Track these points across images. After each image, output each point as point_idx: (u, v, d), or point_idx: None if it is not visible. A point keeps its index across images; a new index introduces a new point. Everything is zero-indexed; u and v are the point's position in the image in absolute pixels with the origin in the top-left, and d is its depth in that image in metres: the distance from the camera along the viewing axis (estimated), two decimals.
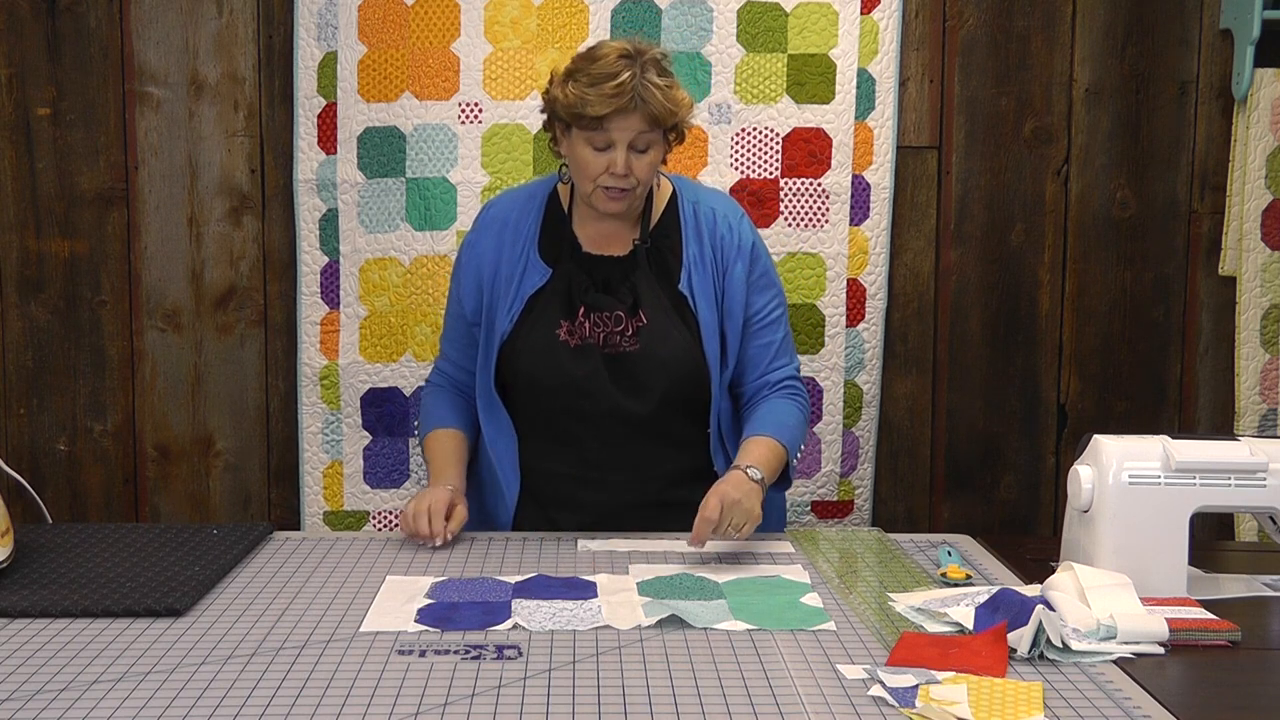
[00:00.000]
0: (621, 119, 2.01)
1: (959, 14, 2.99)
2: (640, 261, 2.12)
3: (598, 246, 2.15)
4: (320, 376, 2.96)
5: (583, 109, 2.00)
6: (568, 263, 2.12)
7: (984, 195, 3.04)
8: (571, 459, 2.13)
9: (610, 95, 1.99)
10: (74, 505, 3.04)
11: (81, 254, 2.99)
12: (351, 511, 2.99)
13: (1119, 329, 3.07)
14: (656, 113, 2.01)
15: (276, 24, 2.94)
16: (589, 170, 2.05)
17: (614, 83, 1.99)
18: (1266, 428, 3.00)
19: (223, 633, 1.56)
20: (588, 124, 2.02)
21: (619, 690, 1.39)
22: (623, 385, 2.08)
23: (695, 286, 2.12)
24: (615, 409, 2.08)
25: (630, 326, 2.09)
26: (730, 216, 2.17)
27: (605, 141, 2.02)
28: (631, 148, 2.03)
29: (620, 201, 2.07)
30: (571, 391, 2.09)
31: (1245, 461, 1.73)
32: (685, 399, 2.11)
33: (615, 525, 2.09)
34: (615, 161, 2.02)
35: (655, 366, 2.08)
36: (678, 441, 2.14)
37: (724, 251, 2.13)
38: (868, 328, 2.99)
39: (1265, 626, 1.67)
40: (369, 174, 2.91)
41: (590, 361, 2.08)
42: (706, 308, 2.11)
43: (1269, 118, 2.94)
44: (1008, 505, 3.12)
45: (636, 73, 2.00)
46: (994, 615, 1.55)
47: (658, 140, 2.06)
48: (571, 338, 2.09)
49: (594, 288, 2.11)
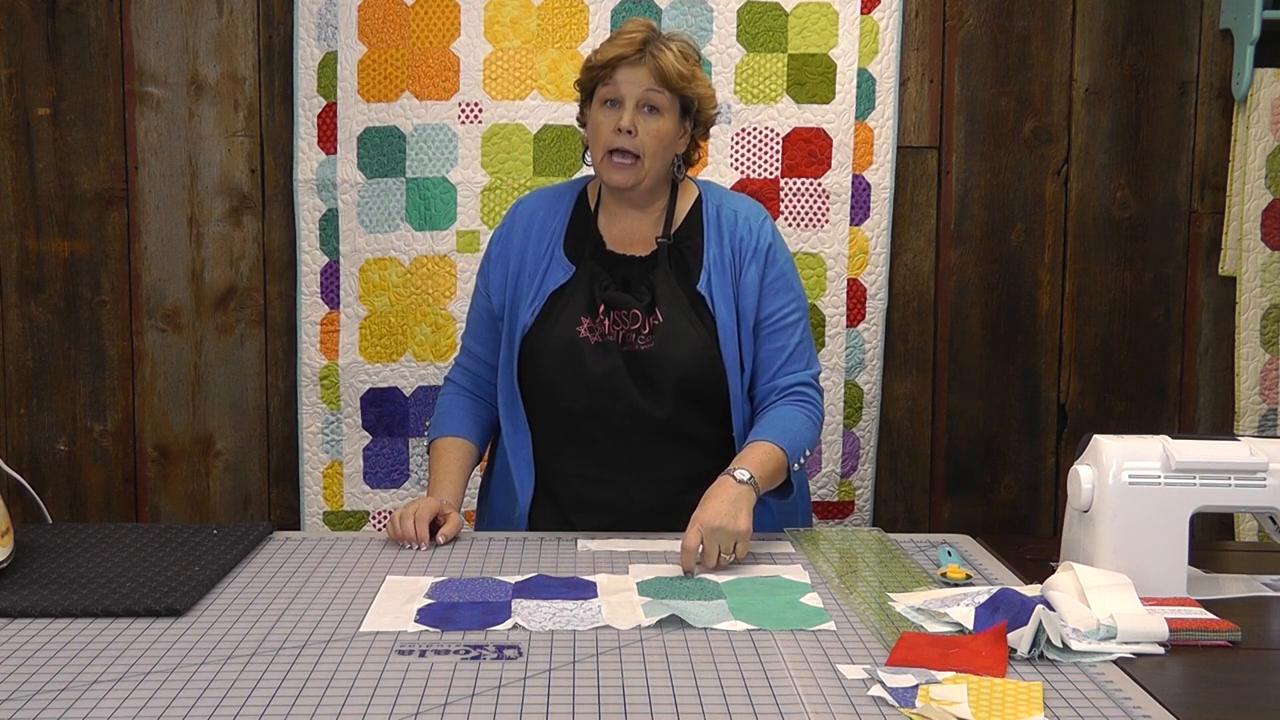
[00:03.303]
0: (629, 70, 2.04)
1: (959, 14, 2.99)
2: (661, 261, 2.12)
3: (621, 245, 2.15)
4: (320, 376, 2.96)
5: (595, 57, 2.08)
6: (590, 261, 2.12)
7: (984, 195, 3.04)
8: (588, 460, 2.12)
9: (621, 44, 2.06)
10: (74, 505, 3.04)
11: (81, 254, 2.99)
12: (351, 511, 2.99)
13: (1119, 329, 3.07)
14: (665, 69, 2.04)
15: (276, 24, 2.94)
16: (600, 133, 2.07)
17: (627, 35, 2.07)
18: (1266, 428, 3.00)
19: (223, 633, 1.56)
20: (600, 75, 2.06)
21: (619, 690, 1.39)
22: (640, 384, 2.08)
23: (714, 287, 2.11)
24: (633, 409, 2.08)
25: (647, 324, 2.08)
26: (752, 219, 2.15)
27: (615, 95, 2.05)
28: (640, 109, 2.05)
29: (626, 172, 2.06)
30: (591, 390, 2.08)
31: (1245, 461, 1.73)
32: (702, 399, 2.10)
33: (633, 527, 2.07)
34: (621, 117, 2.04)
35: (668, 365, 2.07)
36: (696, 443, 2.12)
37: (741, 253, 2.13)
38: (868, 328, 2.99)
39: (1265, 626, 1.66)
40: (369, 174, 2.91)
41: (610, 359, 2.08)
42: (725, 309, 2.10)
43: (1269, 118, 2.94)
44: (1008, 505, 3.12)
45: (653, 38, 2.07)
46: (994, 615, 1.55)
47: (669, 107, 2.07)
48: (592, 335, 2.09)
49: (614, 286, 2.11)
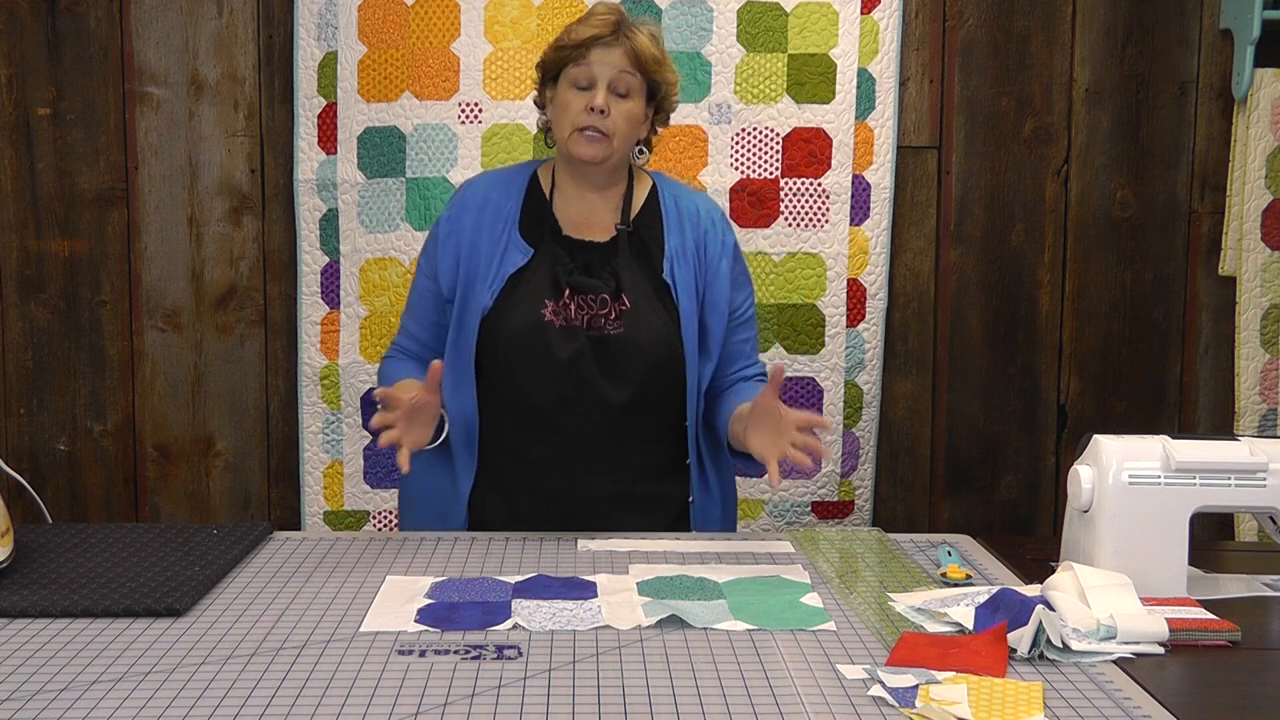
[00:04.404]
0: (604, 52, 2.05)
1: (959, 14, 2.99)
2: (622, 247, 2.12)
3: (579, 230, 2.14)
4: (320, 376, 2.96)
5: (567, 38, 2.07)
6: (549, 244, 2.12)
7: (984, 195, 3.04)
8: (547, 446, 2.10)
9: (596, 24, 2.06)
10: (74, 505, 3.04)
11: (81, 254, 2.99)
12: (351, 511, 2.99)
13: (1119, 329, 3.07)
14: (639, 50, 2.06)
15: (276, 24, 2.94)
16: (569, 112, 2.07)
17: (599, 17, 2.07)
18: (1266, 428, 2.99)
19: (223, 633, 1.56)
20: (572, 55, 2.06)
21: (619, 690, 1.39)
22: (606, 369, 2.07)
23: (678, 277, 2.12)
24: (596, 395, 2.07)
25: (614, 310, 2.08)
26: (714, 214, 2.20)
27: (587, 78, 2.06)
28: (612, 90, 2.06)
29: (597, 146, 2.07)
30: (555, 374, 2.06)
31: (1245, 461, 1.73)
32: (664, 387, 2.11)
33: (584, 515, 2.07)
34: (595, 97, 2.05)
35: (638, 351, 2.07)
36: (653, 434, 2.13)
37: (709, 248, 2.15)
38: (868, 328, 2.99)
39: (1265, 626, 1.66)
40: (369, 174, 2.91)
41: (575, 343, 2.07)
42: (688, 299, 2.11)
43: (1269, 118, 2.94)
44: (1008, 505, 3.12)
45: (625, 20, 2.09)
46: (994, 615, 1.55)
47: (638, 89, 2.09)
48: (557, 318, 2.07)
49: (577, 269, 2.11)
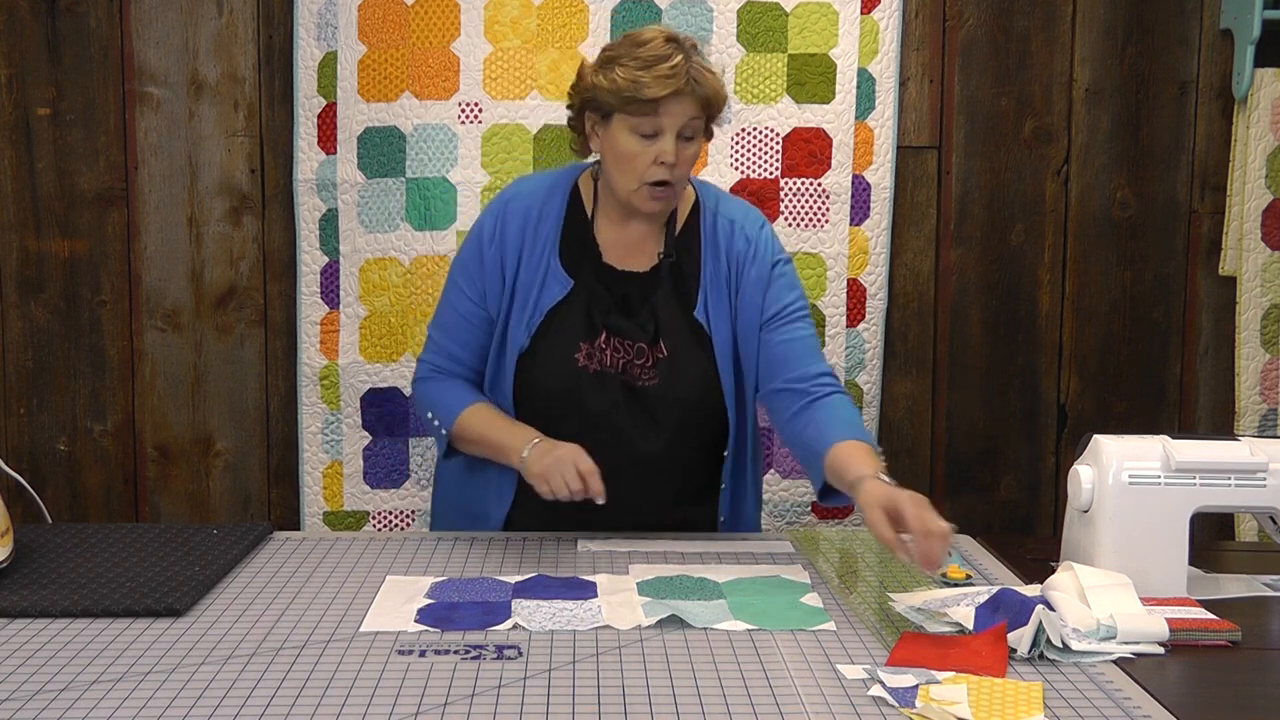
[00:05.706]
0: (676, 103, 1.93)
1: (959, 14, 2.99)
2: (663, 278, 2.05)
3: (619, 258, 2.06)
4: (320, 376, 2.96)
5: (637, 92, 1.92)
6: (589, 275, 2.04)
7: (984, 195, 3.04)
8: None
9: (667, 77, 1.91)
10: (74, 505, 3.04)
11: (81, 254, 2.99)
12: (351, 511, 2.99)
13: (1119, 329, 3.07)
14: (709, 96, 1.96)
15: (276, 24, 2.94)
16: (635, 164, 1.96)
17: (669, 64, 1.92)
18: (1266, 428, 2.99)
19: (223, 633, 1.56)
20: (640, 109, 1.93)
21: (619, 690, 1.39)
22: (639, 420, 2.01)
23: (711, 310, 2.04)
24: (629, 445, 2.01)
25: (650, 358, 2.01)
26: (749, 227, 2.09)
27: (654, 128, 1.94)
28: (678, 136, 1.95)
29: (663, 200, 2.00)
30: (588, 425, 2.00)
31: (1245, 461, 1.73)
32: (699, 433, 2.05)
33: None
34: (665, 150, 1.94)
35: (671, 403, 2.01)
36: (687, 469, 2.08)
37: (739, 264, 2.06)
38: (868, 328, 2.99)
39: (1265, 626, 1.67)
40: (369, 174, 2.91)
41: (609, 393, 2.00)
42: (721, 330, 2.04)
43: (1269, 118, 2.94)
44: (1008, 505, 3.12)
45: (687, 55, 1.94)
46: (994, 615, 1.55)
47: (701, 130, 2.00)
48: (591, 362, 2.01)
49: (615, 307, 2.03)
